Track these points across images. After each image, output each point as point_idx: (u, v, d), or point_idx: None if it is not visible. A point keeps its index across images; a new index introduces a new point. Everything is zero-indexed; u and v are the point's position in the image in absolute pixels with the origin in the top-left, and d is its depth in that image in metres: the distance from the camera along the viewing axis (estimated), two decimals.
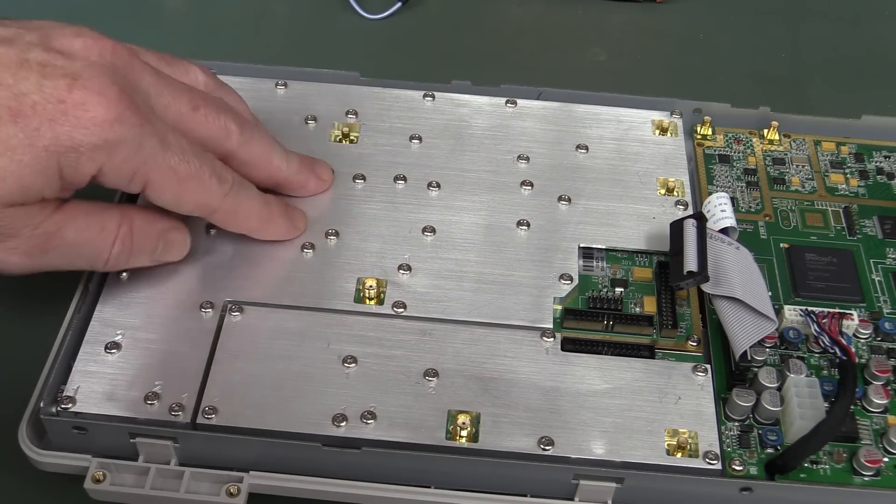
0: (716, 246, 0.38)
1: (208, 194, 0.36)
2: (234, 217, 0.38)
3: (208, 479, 0.34)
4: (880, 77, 0.56)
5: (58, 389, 0.36)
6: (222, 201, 0.37)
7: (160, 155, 0.34)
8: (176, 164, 0.35)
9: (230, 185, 0.37)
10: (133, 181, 0.34)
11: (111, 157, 0.33)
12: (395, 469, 0.35)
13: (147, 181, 0.35)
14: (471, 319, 0.38)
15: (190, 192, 0.36)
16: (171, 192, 0.35)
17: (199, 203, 0.36)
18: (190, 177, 0.35)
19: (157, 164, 0.34)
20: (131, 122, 0.33)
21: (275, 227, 0.40)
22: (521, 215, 0.42)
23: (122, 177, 0.34)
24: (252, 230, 0.39)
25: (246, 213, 0.38)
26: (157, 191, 0.35)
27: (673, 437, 0.35)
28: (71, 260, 0.35)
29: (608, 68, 0.56)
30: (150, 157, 0.34)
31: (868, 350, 0.39)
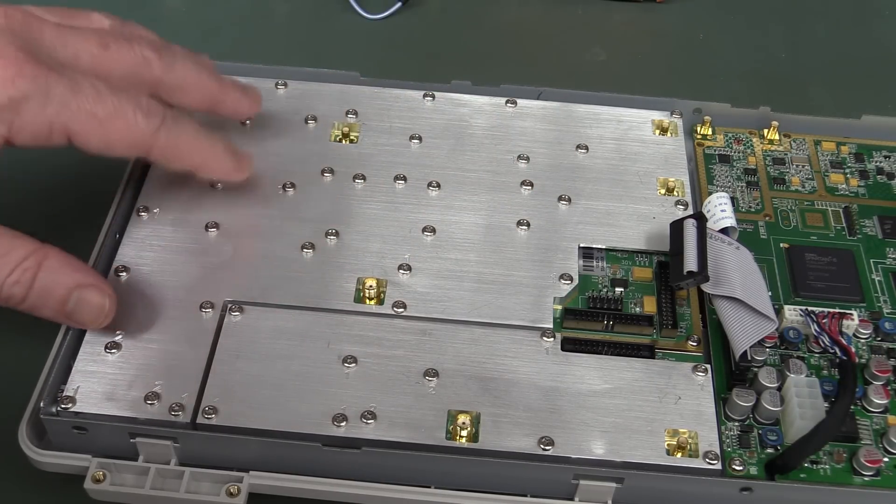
0: (716, 246, 0.38)
1: (136, 131, 0.35)
2: (174, 152, 0.37)
3: (208, 479, 0.34)
4: (880, 77, 0.56)
5: (58, 389, 0.36)
6: (155, 137, 0.35)
7: (73, 101, 0.33)
8: (92, 107, 0.34)
9: (161, 120, 0.35)
10: (52, 134, 0.33)
11: (19, 114, 0.32)
12: (395, 469, 0.35)
13: (68, 131, 0.34)
14: (471, 319, 0.38)
15: (116, 132, 0.34)
16: (95, 136, 0.34)
17: (129, 142, 0.35)
18: (111, 116, 0.34)
19: (71, 111, 0.33)
20: (32, 75, 0.32)
21: (219, 162, 0.38)
22: (521, 215, 0.42)
23: (39, 132, 0.33)
24: (196, 166, 0.38)
25: (187, 148, 0.37)
26: (82, 138, 0.34)
27: (673, 437, 0.35)
28: None
29: (608, 68, 0.56)
30: (62, 106, 0.33)
31: (868, 350, 0.39)
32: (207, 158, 0.38)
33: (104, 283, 0.35)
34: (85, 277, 0.35)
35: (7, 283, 0.34)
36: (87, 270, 0.35)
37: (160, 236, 0.40)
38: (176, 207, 0.41)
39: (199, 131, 0.38)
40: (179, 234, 0.40)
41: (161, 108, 0.36)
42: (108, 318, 0.36)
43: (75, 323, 0.35)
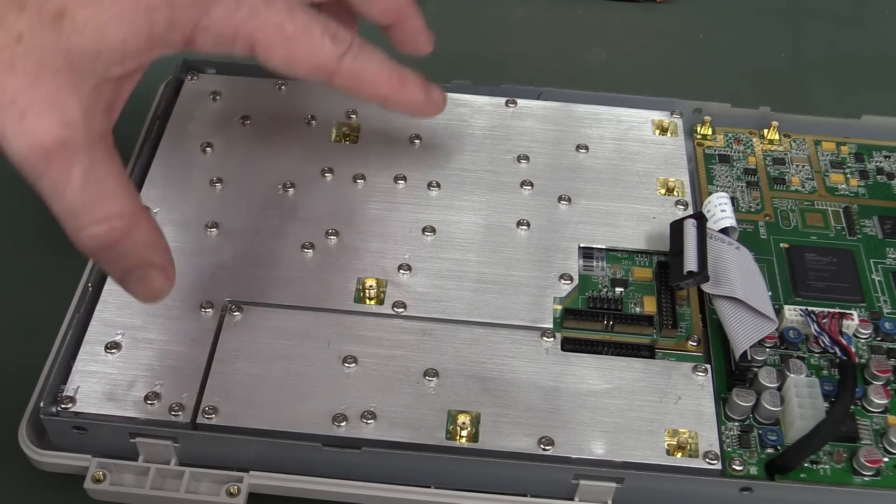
0: (716, 246, 0.38)
1: (321, 54, 0.33)
2: (359, 81, 0.35)
3: (208, 479, 0.34)
4: (880, 77, 0.56)
5: (58, 389, 0.35)
6: (341, 63, 0.34)
7: (263, 10, 0.32)
8: (282, 21, 0.32)
9: (348, 45, 0.34)
10: (236, 42, 0.32)
11: (208, 13, 0.31)
12: (395, 469, 0.35)
13: (253, 41, 0.32)
14: (471, 319, 0.38)
15: (301, 52, 0.33)
16: (280, 51, 0.33)
17: (313, 64, 0.33)
18: (299, 33, 0.32)
19: (260, 20, 0.32)
20: None
21: (409, 94, 0.36)
22: (521, 215, 0.42)
23: (223, 36, 0.32)
24: (383, 98, 0.36)
25: (373, 77, 0.35)
26: (266, 51, 0.32)
27: (673, 437, 0.35)
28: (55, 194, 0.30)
29: (608, 68, 0.56)
30: (252, 13, 0.32)
31: (868, 350, 0.39)
32: (395, 90, 0.36)
33: (172, 267, 0.33)
34: (160, 258, 0.32)
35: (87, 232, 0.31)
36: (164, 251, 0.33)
37: None
38: (176, 207, 0.41)
39: (387, 61, 0.36)
40: (179, 234, 0.40)
41: (350, 35, 0.34)
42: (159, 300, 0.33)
43: (129, 290, 0.33)
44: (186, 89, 0.46)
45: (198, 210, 0.41)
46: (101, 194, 0.30)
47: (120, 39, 0.30)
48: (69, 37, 0.29)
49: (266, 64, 0.33)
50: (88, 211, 0.30)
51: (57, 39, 0.29)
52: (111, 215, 0.30)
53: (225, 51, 0.32)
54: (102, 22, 0.29)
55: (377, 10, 0.38)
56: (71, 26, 0.29)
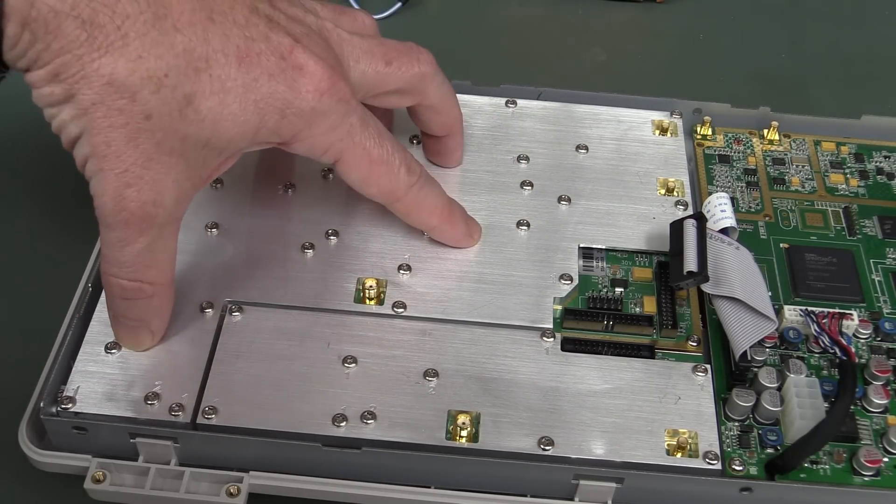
0: (716, 246, 0.38)
1: (396, 181, 0.36)
2: (417, 210, 0.38)
3: (208, 479, 0.34)
4: (880, 77, 0.56)
5: (58, 389, 0.36)
6: (408, 192, 0.37)
7: (358, 133, 0.34)
8: (371, 147, 0.35)
9: (417, 177, 0.37)
10: (326, 154, 0.35)
11: (311, 127, 0.33)
12: (395, 469, 0.35)
13: (340, 157, 0.35)
14: (471, 319, 0.38)
15: (378, 176, 0.36)
16: (360, 172, 0.35)
17: (385, 189, 0.37)
18: (382, 161, 0.35)
19: (353, 142, 0.34)
20: (340, 96, 0.33)
21: (454, 228, 0.40)
22: (521, 215, 0.42)
23: (317, 148, 0.34)
24: (432, 227, 0.39)
25: (430, 209, 0.38)
26: (347, 168, 0.35)
27: (673, 437, 0.35)
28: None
29: (608, 68, 0.56)
30: (347, 135, 0.34)
31: (868, 350, 0.39)
32: (444, 222, 0.39)
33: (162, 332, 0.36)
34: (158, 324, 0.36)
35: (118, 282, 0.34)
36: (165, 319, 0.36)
37: None
38: None
39: (443, 195, 0.39)
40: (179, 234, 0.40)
41: (419, 168, 0.37)
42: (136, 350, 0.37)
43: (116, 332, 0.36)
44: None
45: (198, 210, 0.41)
46: (149, 263, 0.33)
47: (230, 136, 0.32)
48: (189, 124, 0.31)
49: (343, 177, 0.36)
50: (132, 270, 0.33)
51: (179, 124, 0.31)
52: (146, 280, 0.34)
53: (312, 156, 0.35)
54: (221, 117, 0.31)
55: (436, 122, 0.41)
56: (194, 114, 0.31)
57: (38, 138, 0.49)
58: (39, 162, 0.48)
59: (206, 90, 0.31)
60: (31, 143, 0.49)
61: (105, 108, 0.30)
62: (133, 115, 0.30)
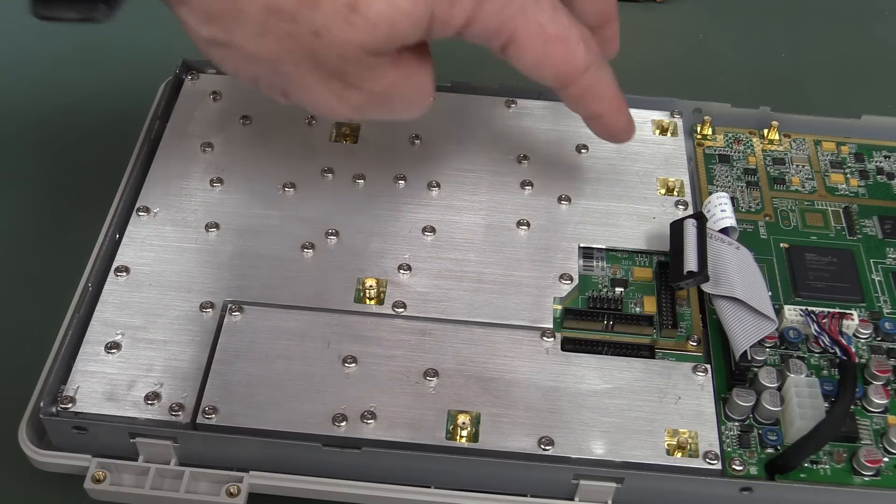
0: (716, 246, 0.38)
1: (573, 61, 0.34)
2: (591, 94, 0.35)
3: (208, 479, 0.34)
4: (880, 77, 0.56)
5: (58, 389, 0.35)
6: (584, 74, 0.34)
7: (531, 8, 0.32)
8: (546, 22, 0.32)
9: (594, 57, 0.34)
10: (498, 36, 0.32)
11: (482, 6, 0.31)
12: (396, 469, 0.35)
13: (512, 37, 0.32)
14: (471, 319, 0.38)
15: (554, 56, 0.33)
16: (534, 52, 0.33)
17: (560, 70, 0.34)
18: (558, 38, 0.33)
19: (525, 18, 0.32)
20: None
21: (621, 117, 0.37)
22: (521, 215, 0.42)
23: (489, 30, 0.32)
24: (600, 114, 0.37)
25: (603, 94, 0.36)
26: (520, 49, 0.33)
27: (673, 437, 0.35)
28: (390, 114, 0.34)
29: None
30: (520, 11, 0.32)
31: (868, 350, 0.39)
32: (615, 110, 0.36)
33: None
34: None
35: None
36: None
37: (160, 236, 0.40)
38: (176, 207, 0.41)
39: (616, 84, 0.36)
40: (179, 234, 0.40)
41: (596, 48, 0.35)
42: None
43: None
44: (186, 89, 0.46)
45: (198, 210, 0.41)
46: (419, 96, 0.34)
47: (404, 34, 0.31)
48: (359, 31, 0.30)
49: (514, 62, 0.33)
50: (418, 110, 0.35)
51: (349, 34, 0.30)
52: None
53: (483, 42, 0.33)
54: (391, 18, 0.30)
55: (592, 10, 0.38)
56: (362, 21, 0.30)
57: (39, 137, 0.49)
58: (39, 161, 0.48)
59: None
60: (32, 142, 0.49)
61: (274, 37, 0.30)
62: (301, 36, 0.30)
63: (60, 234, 0.45)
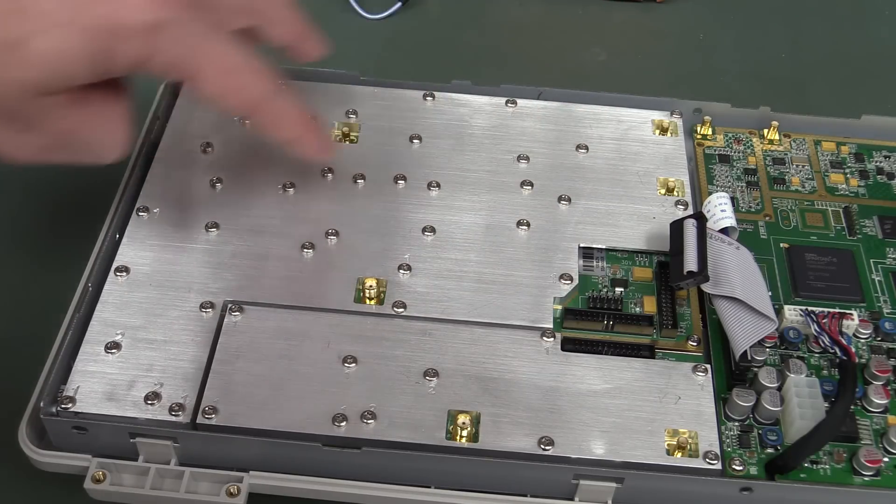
0: (716, 246, 0.38)
1: (253, 90, 0.35)
2: (276, 120, 0.36)
3: (208, 479, 0.34)
4: (880, 77, 0.56)
5: (58, 389, 0.35)
6: (267, 102, 0.35)
7: (207, 42, 0.33)
8: (223, 54, 0.33)
9: (274, 86, 0.35)
10: (177, 71, 0.33)
11: (155, 42, 0.32)
12: (396, 469, 0.35)
13: (192, 72, 0.33)
14: (471, 319, 0.38)
15: (233, 87, 0.34)
16: (214, 84, 0.34)
17: (242, 98, 0.35)
18: (235, 71, 0.34)
19: (204, 52, 0.33)
20: (178, 6, 0.32)
21: (313, 139, 0.38)
22: (521, 215, 0.42)
23: (167, 64, 0.32)
24: (291, 139, 0.37)
25: (290, 118, 0.37)
26: (202, 81, 0.34)
27: (673, 437, 0.35)
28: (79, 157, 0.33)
29: (608, 68, 0.56)
30: (196, 45, 0.33)
31: (868, 350, 0.39)
32: (305, 133, 0.37)
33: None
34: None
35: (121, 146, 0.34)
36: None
37: (160, 236, 0.40)
38: (176, 207, 0.41)
39: (300, 109, 0.37)
40: (179, 234, 0.40)
41: (275, 76, 0.36)
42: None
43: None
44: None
45: (198, 210, 0.41)
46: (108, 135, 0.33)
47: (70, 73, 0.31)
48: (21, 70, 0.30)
49: (199, 94, 0.34)
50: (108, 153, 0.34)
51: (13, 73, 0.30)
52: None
53: (164, 76, 0.34)
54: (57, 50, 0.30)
55: (282, 33, 0.39)
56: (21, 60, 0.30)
57: None
58: None
59: (31, 29, 0.29)
60: None
61: None
62: None
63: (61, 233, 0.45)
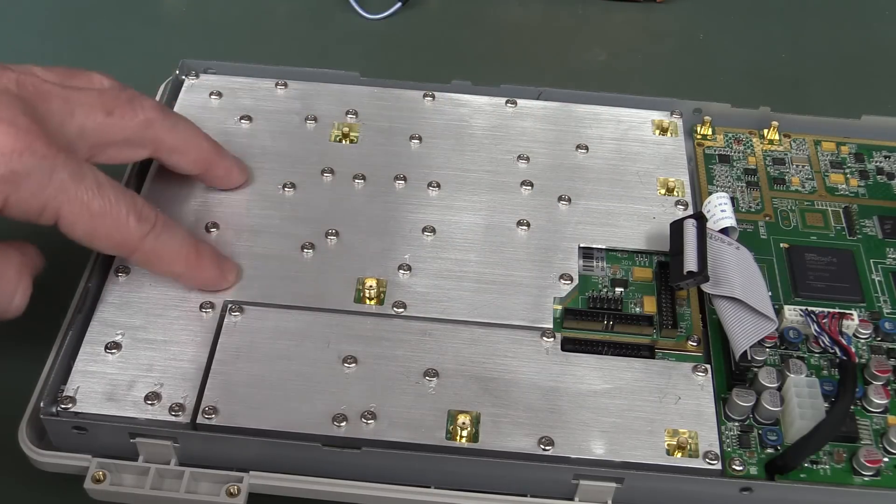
0: (716, 246, 0.38)
1: (124, 232, 0.35)
2: (157, 260, 0.36)
3: (208, 479, 0.34)
4: (880, 77, 0.56)
5: (58, 389, 0.36)
6: (142, 242, 0.35)
7: (71, 188, 0.33)
8: (89, 199, 0.33)
9: (152, 225, 0.35)
10: (43, 214, 0.33)
11: (17, 189, 0.32)
12: (395, 469, 0.35)
13: (59, 215, 0.33)
14: (471, 319, 0.38)
15: (104, 230, 0.34)
16: (83, 227, 0.34)
17: (114, 241, 0.35)
18: (104, 213, 0.34)
19: (68, 197, 0.33)
20: (41, 154, 0.32)
21: (203, 273, 0.38)
22: (521, 215, 0.42)
23: (31, 209, 0.33)
24: (177, 275, 0.37)
25: (171, 257, 0.37)
26: (69, 226, 0.34)
27: (673, 437, 0.35)
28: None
29: (608, 68, 0.56)
30: (60, 191, 0.33)
31: (868, 350, 0.39)
32: (191, 267, 0.37)
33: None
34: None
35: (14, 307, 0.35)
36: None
37: None
38: (176, 207, 0.41)
39: (187, 240, 0.37)
40: None
41: (154, 214, 0.36)
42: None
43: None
44: (186, 89, 0.46)
45: (198, 210, 0.41)
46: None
47: None
48: None
49: (68, 235, 0.34)
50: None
51: None
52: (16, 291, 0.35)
53: (30, 220, 0.34)
54: None
55: (186, 163, 0.40)
56: None
57: None
58: None
59: None
60: None
61: None
62: None
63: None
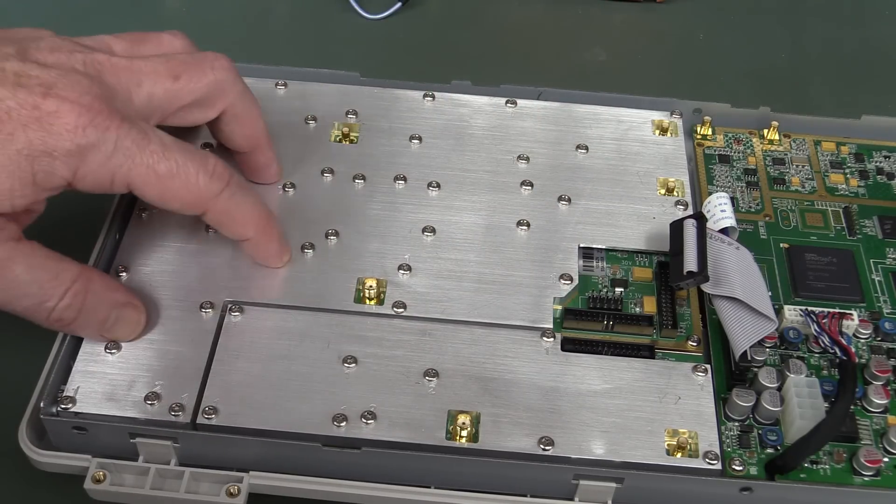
0: (716, 246, 0.38)
1: (195, 192, 0.35)
2: (229, 220, 0.37)
3: (208, 479, 0.34)
4: (880, 77, 0.56)
5: (58, 389, 0.36)
6: (215, 201, 0.36)
7: (136, 154, 0.34)
8: (155, 163, 0.34)
9: (225, 183, 0.36)
10: (114, 183, 0.34)
11: (86, 162, 0.33)
12: (395, 469, 0.35)
13: (129, 182, 0.34)
14: (471, 319, 0.38)
15: (173, 191, 0.35)
16: (153, 191, 0.35)
17: (186, 201, 0.35)
18: (171, 174, 0.34)
19: (134, 163, 0.34)
20: (103, 126, 0.33)
21: (270, 243, 0.38)
22: (521, 215, 0.42)
23: (102, 180, 0.34)
24: (246, 238, 0.38)
25: (243, 219, 0.37)
26: (141, 191, 0.35)
27: (673, 437, 0.35)
28: (11, 298, 0.34)
29: (608, 68, 0.56)
30: (126, 158, 0.34)
31: (868, 350, 0.39)
32: (259, 234, 0.38)
33: (137, 299, 0.37)
34: (123, 296, 0.36)
35: (59, 307, 0.35)
36: (123, 289, 0.37)
37: (160, 236, 0.40)
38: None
39: (260, 206, 0.38)
40: (179, 234, 0.40)
41: (228, 173, 0.36)
42: (140, 331, 0.37)
43: (112, 338, 0.37)
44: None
45: None
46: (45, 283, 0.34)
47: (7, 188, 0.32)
48: None
49: (147, 201, 0.35)
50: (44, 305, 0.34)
51: None
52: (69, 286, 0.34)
53: (104, 191, 0.34)
54: None
55: (240, 135, 0.40)
56: None
57: None
58: None
59: None
60: None
61: None
62: None
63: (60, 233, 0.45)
